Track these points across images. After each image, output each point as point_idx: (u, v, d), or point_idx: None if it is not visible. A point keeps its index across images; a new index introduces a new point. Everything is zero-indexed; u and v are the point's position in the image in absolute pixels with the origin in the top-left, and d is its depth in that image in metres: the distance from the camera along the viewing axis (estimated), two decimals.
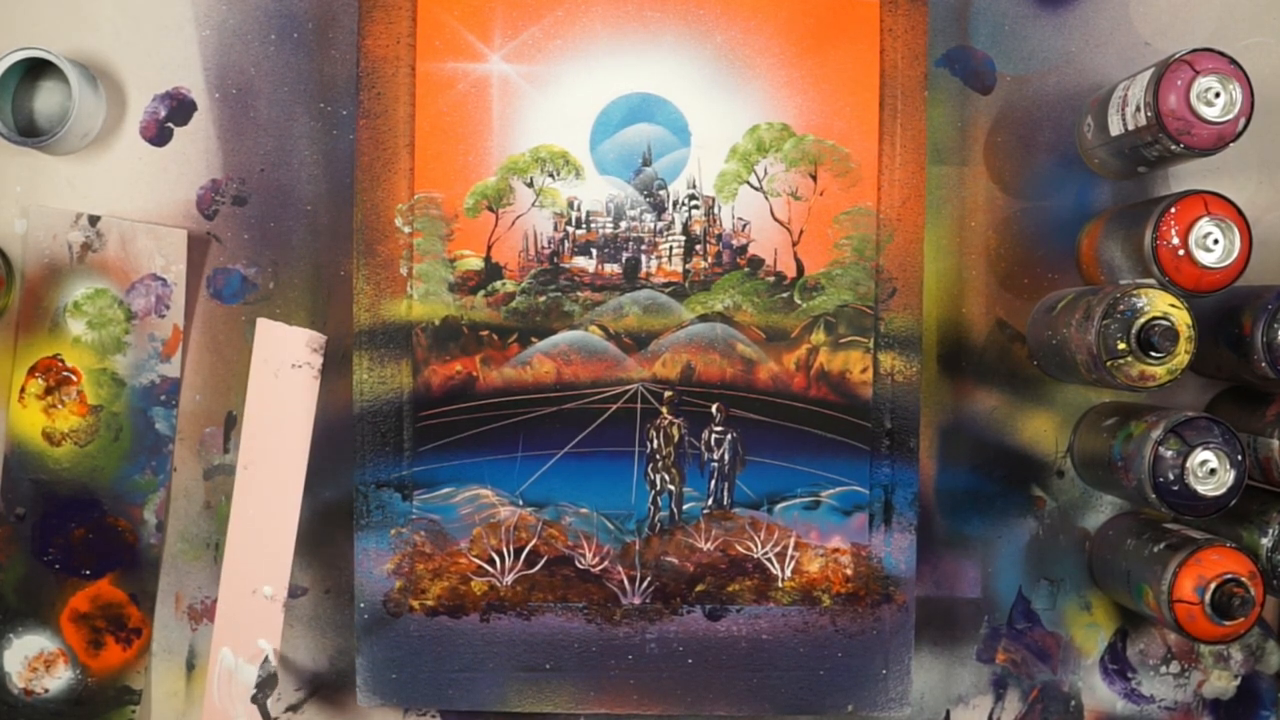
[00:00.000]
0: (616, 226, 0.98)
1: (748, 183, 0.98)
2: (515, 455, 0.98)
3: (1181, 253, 0.90)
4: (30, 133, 1.00)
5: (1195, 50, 0.89)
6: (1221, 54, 0.89)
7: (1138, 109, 0.91)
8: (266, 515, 0.95)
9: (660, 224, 0.98)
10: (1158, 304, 0.88)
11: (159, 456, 1.00)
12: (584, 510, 0.98)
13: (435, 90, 0.97)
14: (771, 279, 0.98)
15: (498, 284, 0.98)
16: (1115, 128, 0.94)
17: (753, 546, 0.99)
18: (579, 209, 0.98)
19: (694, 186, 0.98)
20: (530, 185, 0.98)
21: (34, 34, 0.99)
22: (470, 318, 0.98)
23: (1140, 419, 0.93)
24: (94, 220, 0.99)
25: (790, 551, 0.99)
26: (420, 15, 0.97)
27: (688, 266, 0.98)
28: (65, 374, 0.99)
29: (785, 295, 0.98)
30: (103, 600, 1.00)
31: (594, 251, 0.98)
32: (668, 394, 0.98)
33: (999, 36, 1.02)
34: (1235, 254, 0.90)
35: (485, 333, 0.98)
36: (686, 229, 0.98)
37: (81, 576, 1.00)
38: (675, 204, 0.98)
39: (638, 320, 0.98)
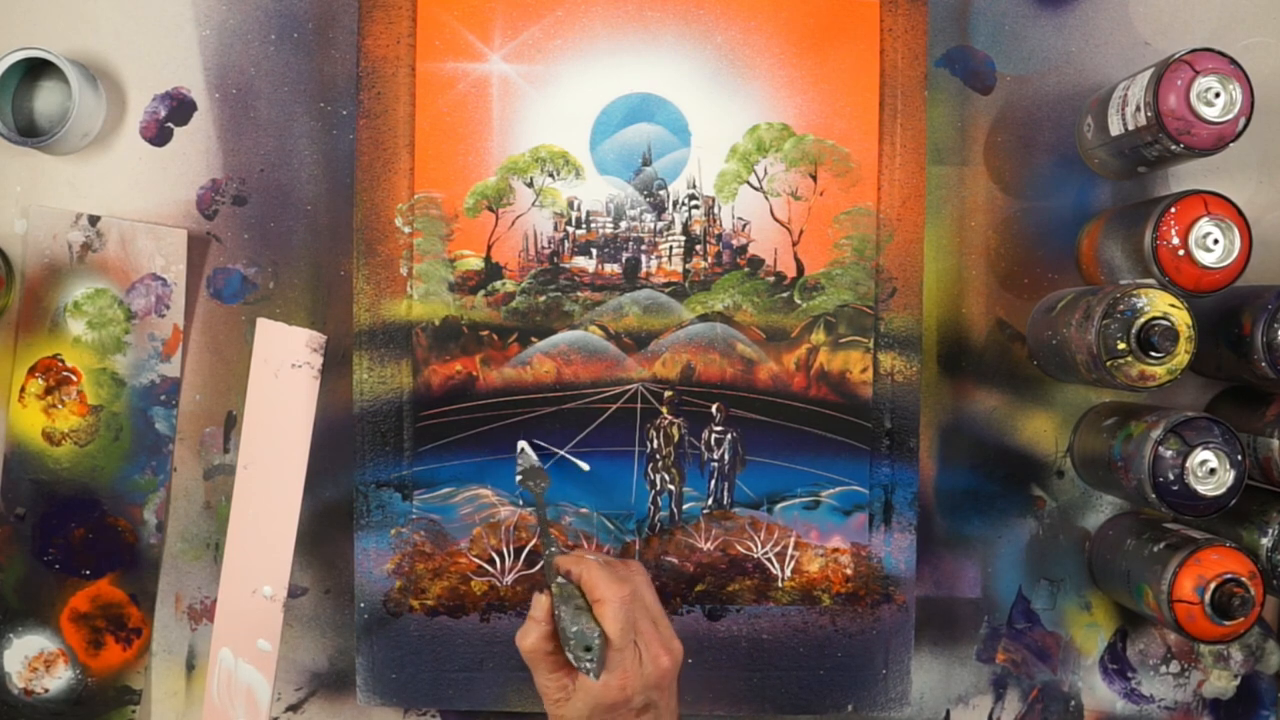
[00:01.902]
0: (616, 226, 0.98)
1: (748, 183, 0.98)
2: (516, 455, 0.98)
3: (1181, 253, 0.90)
4: (30, 133, 1.00)
5: (1195, 50, 0.89)
6: (1221, 54, 0.89)
7: (1138, 109, 0.91)
8: (266, 515, 0.95)
9: (660, 224, 0.98)
10: (1158, 304, 0.88)
11: (159, 456, 1.00)
12: (584, 510, 0.98)
13: (435, 90, 0.97)
14: (771, 279, 0.98)
15: (498, 284, 0.98)
16: (1115, 128, 0.94)
17: (753, 546, 0.99)
18: (579, 209, 0.98)
19: (694, 186, 0.98)
20: (530, 185, 0.98)
21: (34, 34, 0.99)
22: (470, 318, 0.98)
23: (1140, 419, 0.93)
24: (94, 220, 0.99)
25: (790, 551, 0.99)
26: (420, 15, 0.97)
27: (688, 266, 0.98)
28: (65, 374, 0.99)
29: (785, 295, 0.98)
30: (103, 600, 1.00)
31: (594, 251, 0.98)
32: (668, 394, 0.98)
33: (999, 36, 1.02)
34: (1235, 254, 0.90)
35: (485, 333, 0.98)
36: (686, 229, 0.98)
37: (81, 576, 1.00)
38: (675, 204, 0.98)
39: (638, 320, 0.98)
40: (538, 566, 0.99)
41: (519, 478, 0.94)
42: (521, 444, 0.95)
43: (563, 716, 0.84)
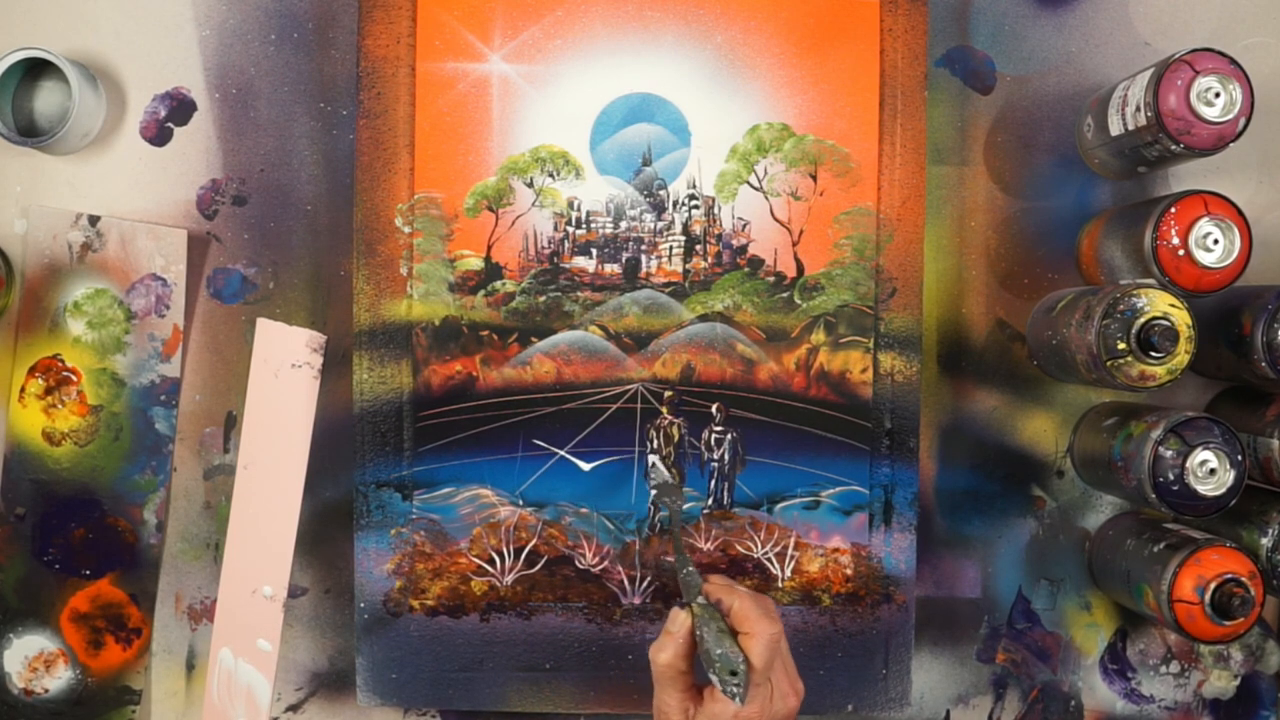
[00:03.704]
0: (616, 226, 0.98)
1: (748, 183, 0.98)
2: (515, 455, 0.98)
3: (1181, 253, 0.90)
4: (30, 133, 1.00)
5: (1195, 50, 0.89)
6: (1221, 54, 0.89)
7: (1138, 109, 0.91)
8: (266, 515, 0.95)
9: (660, 224, 0.98)
10: (1158, 304, 0.88)
11: (159, 456, 1.00)
12: (584, 510, 0.98)
13: (435, 90, 0.97)
14: (771, 279, 0.98)
15: (498, 284, 0.98)
16: (1115, 128, 0.94)
17: (753, 546, 0.99)
18: (579, 209, 0.98)
19: (694, 186, 0.98)
20: (530, 185, 0.98)
21: (34, 34, 0.99)
22: (470, 318, 0.98)
23: (1140, 419, 0.93)
24: (94, 220, 0.99)
25: (790, 551, 0.99)
26: (420, 15, 0.97)
27: (688, 266, 0.98)
28: (65, 374, 0.99)
29: (785, 295, 0.98)
30: (103, 600, 1.00)
31: (594, 251, 0.98)
32: (668, 394, 0.98)
33: (999, 36, 1.02)
34: (1235, 254, 0.90)
35: (485, 333, 0.98)
36: (686, 229, 0.98)
37: (81, 576, 1.00)
38: (675, 204, 0.98)
39: (638, 320, 0.98)
40: (537, 567, 0.98)
41: (653, 493, 0.93)
42: (653, 459, 0.95)
43: None
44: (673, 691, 0.84)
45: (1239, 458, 0.89)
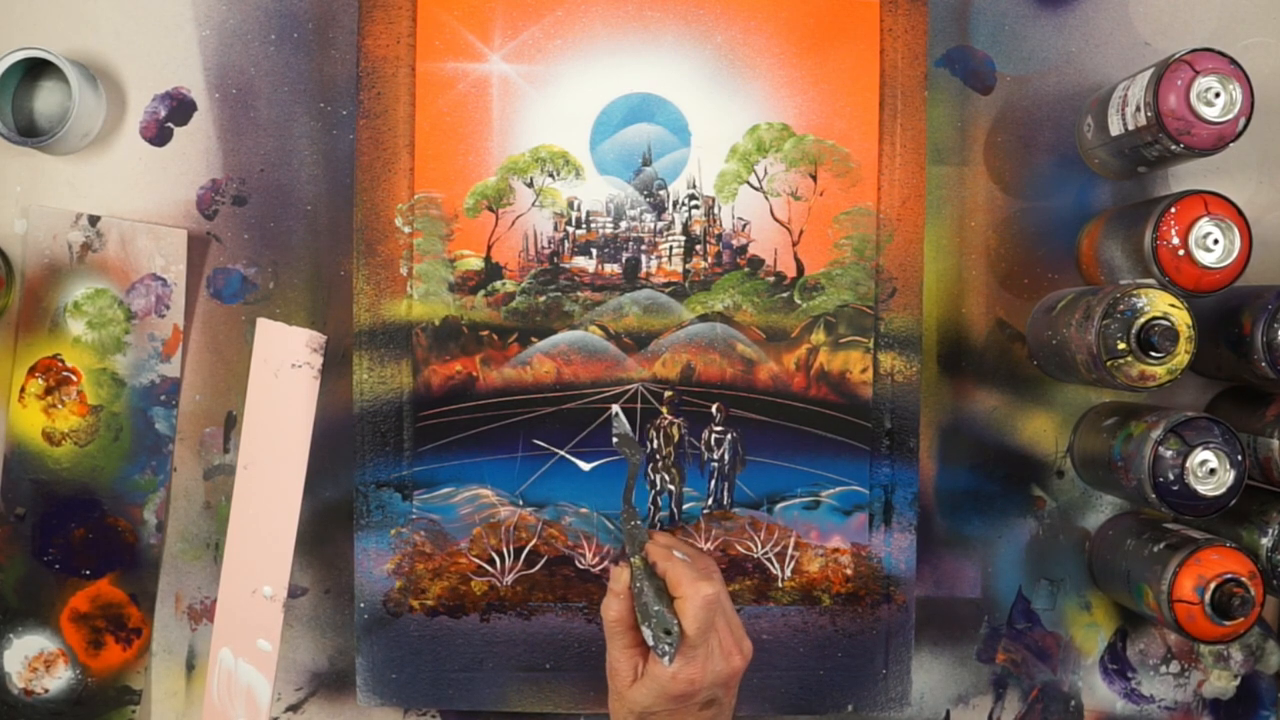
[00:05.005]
0: (616, 226, 0.98)
1: (748, 183, 0.98)
2: (515, 455, 0.98)
3: (1181, 253, 0.90)
4: (30, 133, 1.00)
5: (1195, 50, 0.89)
6: (1221, 54, 0.89)
7: (1138, 109, 0.91)
8: (266, 515, 0.95)
9: (660, 224, 0.98)
10: (1158, 304, 0.88)
11: (159, 456, 1.00)
12: (584, 510, 0.98)
13: (435, 90, 0.97)
14: (771, 279, 0.98)
15: (498, 284, 0.98)
16: (1115, 128, 0.94)
17: (753, 546, 0.99)
18: (579, 209, 0.98)
19: (694, 186, 0.98)
20: (530, 185, 0.98)
21: (34, 34, 0.99)
22: (470, 318, 0.98)
23: (1140, 419, 0.93)
24: (94, 220, 0.99)
25: (790, 551, 0.99)
26: (420, 15, 0.97)
27: (688, 266, 0.98)
28: (65, 374, 0.99)
29: (785, 295, 0.98)
30: (103, 600, 1.00)
31: (594, 251, 0.98)
32: (668, 394, 0.98)
33: (999, 36, 1.02)
34: (1235, 254, 0.90)
35: (485, 333, 0.98)
36: (686, 229, 0.98)
37: (81, 576, 1.00)
38: (675, 204, 0.98)
39: (638, 320, 0.98)
40: (537, 567, 0.99)
41: (615, 441, 0.92)
42: (615, 408, 0.94)
43: (628, 698, 0.84)
44: (622, 648, 0.85)
45: (1239, 458, 0.89)
